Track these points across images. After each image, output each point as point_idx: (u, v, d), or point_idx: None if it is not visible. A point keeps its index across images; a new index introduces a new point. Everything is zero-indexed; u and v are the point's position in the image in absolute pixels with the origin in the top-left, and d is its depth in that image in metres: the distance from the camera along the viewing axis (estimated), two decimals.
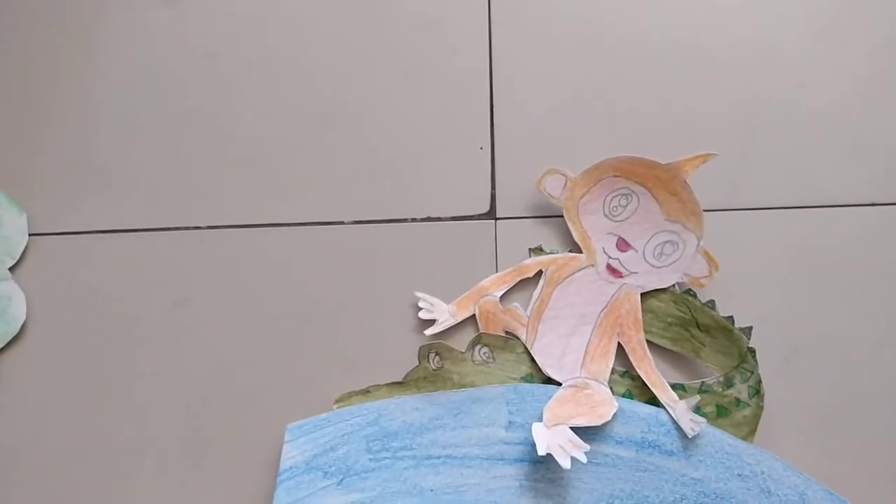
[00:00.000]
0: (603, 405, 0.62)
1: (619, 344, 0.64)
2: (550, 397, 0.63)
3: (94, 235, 0.70)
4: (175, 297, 0.68)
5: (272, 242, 0.69)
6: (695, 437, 0.61)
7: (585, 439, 0.60)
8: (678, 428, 0.62)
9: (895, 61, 0.70)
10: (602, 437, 0.62)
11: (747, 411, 0.62)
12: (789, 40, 0.71)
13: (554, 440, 0.60)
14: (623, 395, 0.64)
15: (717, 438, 0.61)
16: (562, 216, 0.67)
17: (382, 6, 0.74)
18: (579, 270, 0.66)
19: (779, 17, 0.71)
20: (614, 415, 0.61)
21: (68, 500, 0.65)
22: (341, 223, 0.69)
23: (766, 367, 0.63)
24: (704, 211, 0.64)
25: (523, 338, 0.65)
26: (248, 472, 0.65)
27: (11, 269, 0.69)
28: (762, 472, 0.61)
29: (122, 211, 0.70)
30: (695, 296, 0.65)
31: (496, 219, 0.68)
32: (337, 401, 0.64)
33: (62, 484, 0.65)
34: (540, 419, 0.61)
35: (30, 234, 0.70)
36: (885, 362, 0.65)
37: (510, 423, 0.63)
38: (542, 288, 0.66)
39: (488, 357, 0.65)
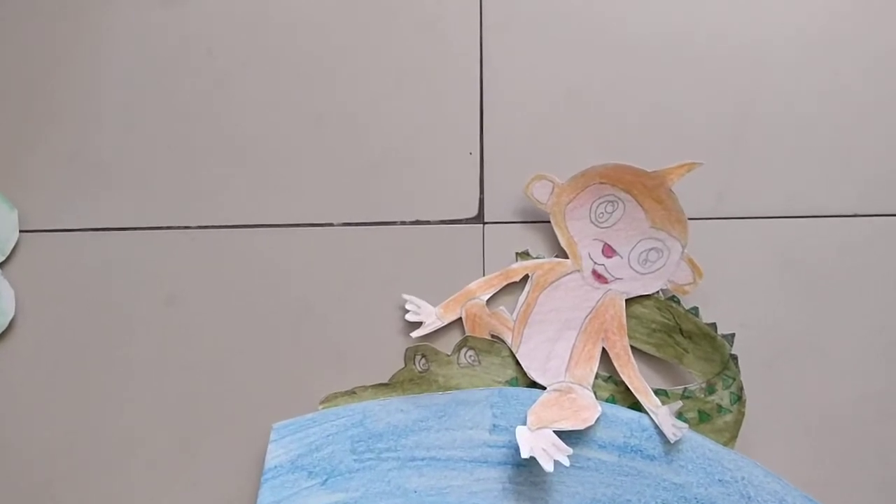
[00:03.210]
0: (586, 409, 0.63)
1: (603, 349, 0.65)
2: (535, 401, 0.63)
3: (84, 233, 0.70)
4: (164, 296, 0.69)
5: (262, 243, 0.70)
6: (676, 442, 0.62)
7: (569, 443, 0.61)
8: (660, 433, 0.62)
9: (883, 73, 0.71)
10: (585, 442, 0.62)
11: (729, 417, 0.63)
12: (778, 50, 0.71)
13: (537, 443, 0.60)
14: (606, 400, 0.64)
15: (699, 444, 0.62)
16: (549, 221, 0.67)
17: (376, 11, 0.74)
18: (565, 275, 0.67)
19: (769, 27, 0.72)
20: (597, 419, 0.62)
21: (56, 494, 0.66)
22: (331, 225, 0.70)
23: (748, 373, 0.64)
24: (689, 219, 0.65)
25: (509, 341, 0.66)
26: (233, 470, 0.65)
27: (1, 265, 0.69)
28: (742, 478, 0.62)
29: (112, 209, 0.71)
30: (678, 302, 0.65)
31: (484, 223, 0.69)
32: (322, 401, 0.65)
33: (50, 479, 0.66)
34: (524, 422, 0.62)
35: (20, 231, 0.70)
36: (866, 371, 0.65)
37: (494, 426, 0.63)
38: (529, 292, 0.67)
39: (474, 360, 0.65)
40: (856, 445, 0.64)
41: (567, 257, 0.67)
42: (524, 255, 0.68)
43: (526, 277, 0.67)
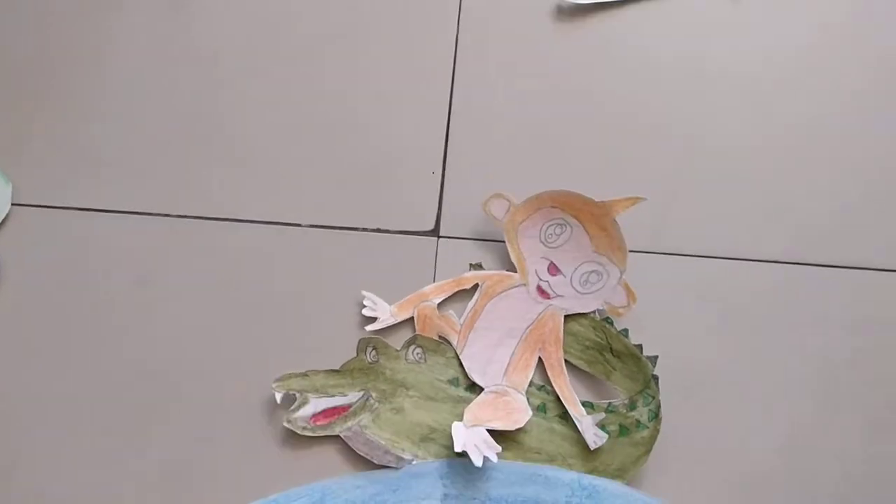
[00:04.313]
0: (519, 412, 0.67)
1: (539, 359, 0.70)
2: (482, 474, 0.66)
3: (70, 211, 0.75)
4: (136, 277, 0.73)
5: (234, 236, 0.74)
6: None
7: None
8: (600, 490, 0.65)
9: (817, 129, 0.77)
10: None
11: (645, 433, 0.67)
12: (722, 99, 0.78)
13: (470, 439, 0.64)
14: (538, 407, 0.68)
15: (635, 499, 0.65)
16: (497, 241, 0.73)
17: (351, 30, 0.81)
18: (512, 288, 0.71)
19: (712, 77, 0.79)
20: (538, 474, 0.65)
21: (28, 464, 0.68)
22: (299, 225, 0.75)
23: (667, 394, 0.67)
24: (630, 251, 0.70)
25: (454, 343, 0.70)
26: (192, 446, 0.68)
27: None
28: None
29: (100, 192, 0.75)
30: (612, 323, 0.70)
31: (439, 237, 0.74)
32: (276, 380, 0.67)
33: (21, 448, 0.68)
34: (471, 492, 0.65)
35: (13, 204, 0.74)
36: (777, 408, 0.69)
37: (445, 495, 0.65)
38: (477, 300, 0.71)
39: (420, 357, 0.69)
40: (756, 476, 0.68)
41: (516, 271, 0.72)
42: (477, 266, 0.73)
43: (476, 286, 0.72)
